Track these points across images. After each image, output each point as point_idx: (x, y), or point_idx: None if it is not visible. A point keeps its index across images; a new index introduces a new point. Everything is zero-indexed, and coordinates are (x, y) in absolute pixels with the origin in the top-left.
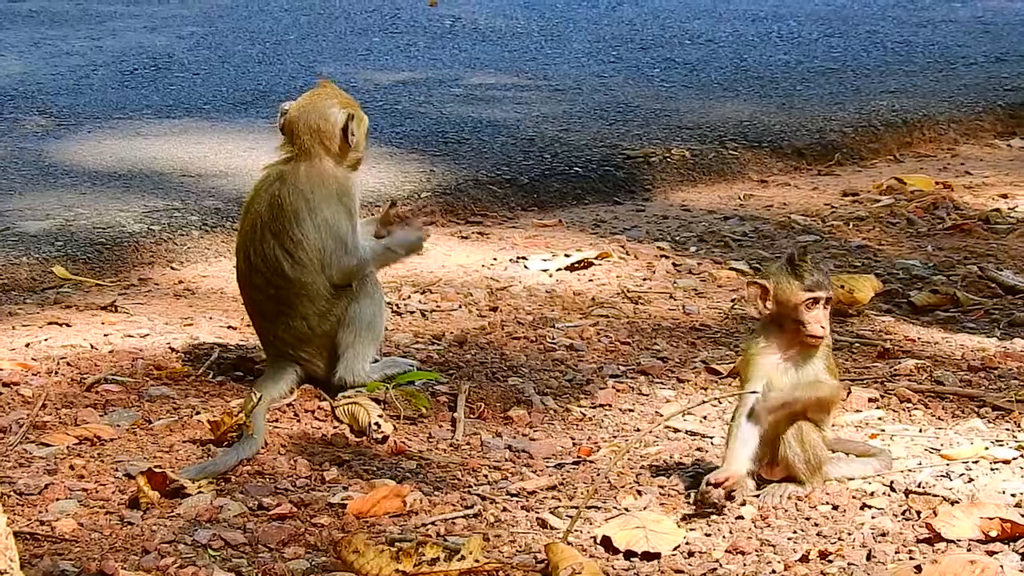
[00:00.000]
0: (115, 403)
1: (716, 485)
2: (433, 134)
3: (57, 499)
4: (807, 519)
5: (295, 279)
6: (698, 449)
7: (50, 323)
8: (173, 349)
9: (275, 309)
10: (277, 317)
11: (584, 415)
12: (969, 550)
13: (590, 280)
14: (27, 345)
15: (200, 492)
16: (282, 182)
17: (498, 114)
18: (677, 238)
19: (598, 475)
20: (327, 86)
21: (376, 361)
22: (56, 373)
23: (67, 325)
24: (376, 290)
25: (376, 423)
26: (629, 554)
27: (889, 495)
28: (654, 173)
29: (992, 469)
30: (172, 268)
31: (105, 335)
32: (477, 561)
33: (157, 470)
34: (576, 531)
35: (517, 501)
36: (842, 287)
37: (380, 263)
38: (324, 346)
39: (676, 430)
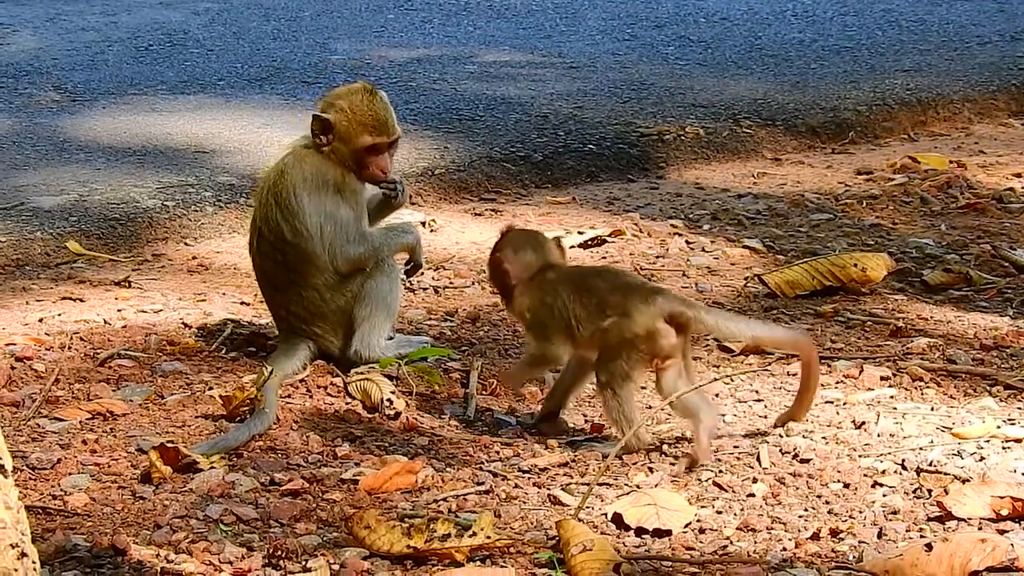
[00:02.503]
0: (128, 378)
1: None
2: (447, 111)
3: (69, 473)
4: (818, 496)
5: (295, 243)
6: None
7: (64, 298)
8: (186, 325)
9: (285, 278)
10: (288, 288)
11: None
12: (980, 528)
13: (603, 257)
14: (40, 320)
15: (212, 467)
16: (293, 156)
17: (512, 91)
18: (690, 216)
19: (610, 453)
20: (365, 89)
21: (391, 339)
22: (69, 348)
23: (80, 300)
24: (392, 267)
25: (388, 399)
26: (640, 531)
27: (900, 473)
28: (668, 151)
29: (1004, 448)
30: (186, 244)
31: (119, 310)
32: (488, 537)
33: (169, 445)
34: (587, 508)
35: (528, 478)
36: (855, 265)
37: (388, 249)
38: (338, 322)
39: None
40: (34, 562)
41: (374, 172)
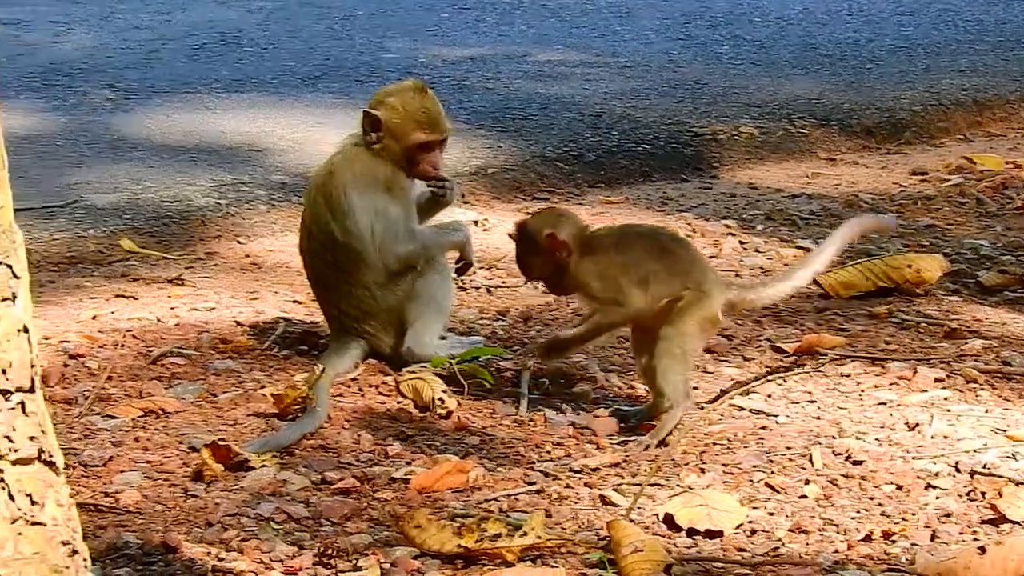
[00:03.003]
0: (180, 376)
1: None
2: (501, 110)
3: (121, 471)
4: (870, 498)
5: (345, 243)
6: (762, 427)
7: (117, 296)
8: (238, 323)
9: (335, 277)
10: (339, 287)
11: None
12: None
13: None
14: (94, 317)
15: (264, 466)
16: (343, 156)
17: (566, 91)
18: (744, 216)
19: (662, 453)
20: (416, 86)
21: (443, 338)
22: (122, 346)
23: (134, 298)
24: (444, 266)
25: (440, 398)
26: (692, 532)
27: (954, 476)
28: (722, 151)
29: None
30: (239, 242)
31: (171, 308)
32: (539, 537)
33: (221, 443)
34: (639, 508)
35: (580, 478)
36: (909, 266)
37: (437, 247)
38: (389, 321)
39: (740, 408)
40: (85, 559)
41: (425, 169)
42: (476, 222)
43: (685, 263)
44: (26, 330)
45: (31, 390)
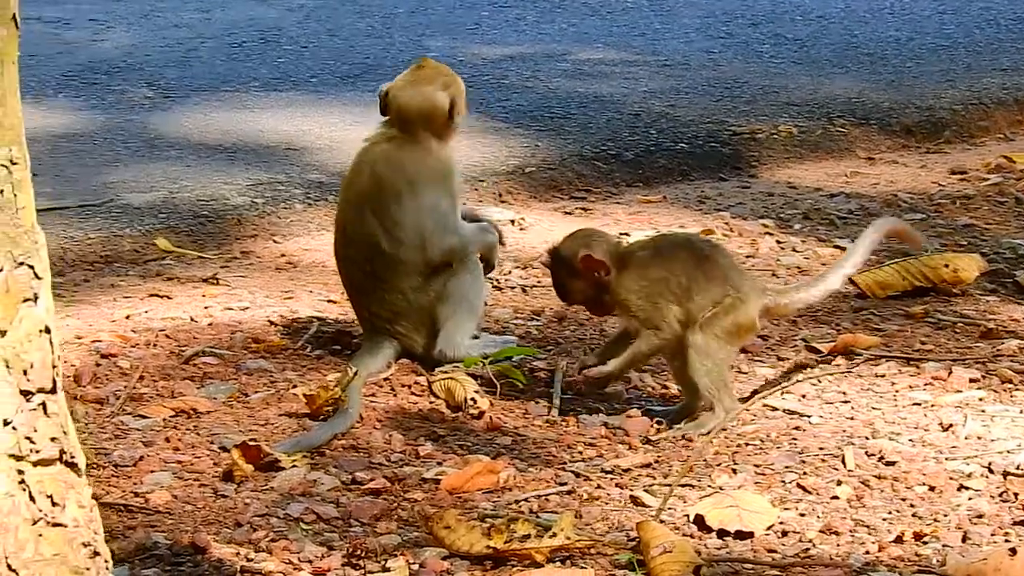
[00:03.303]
0: (212, 376)
1: None
2: (539, 109)
3: (152, 471)
4: (902, 499)
5: (391, 255)
6: (796, 428)
7: (151, 295)
8: (272, 322)
9: (371, 284)
10: (373, 292)
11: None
12: None
13: None
14: (127, 317)
15: (294, 466)
16: (386, 162)
17: (605, 89)
18: (782, 215)
19: (693, 453)
20: (428, 64)
21: (476, 338)
22: (155, 345)
23: (168, 297)
24: (476, 266)
25: (472, 398)
26: (722, 533)
27: (987, 476)
28: (760, 149)
29: None
30: (274, 241)
31: (205, 307)
32: (568, 538)
33: (252, 443)
34: (670, 509)
35: (611, 478)
36: (946, 266)
37: (476, 244)
38: (421, 321)
39: (774, 408)
40: (106, 561)
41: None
42: (513, 221)
43: (724, 268)
44: (48, 331)
45: (53, 391)
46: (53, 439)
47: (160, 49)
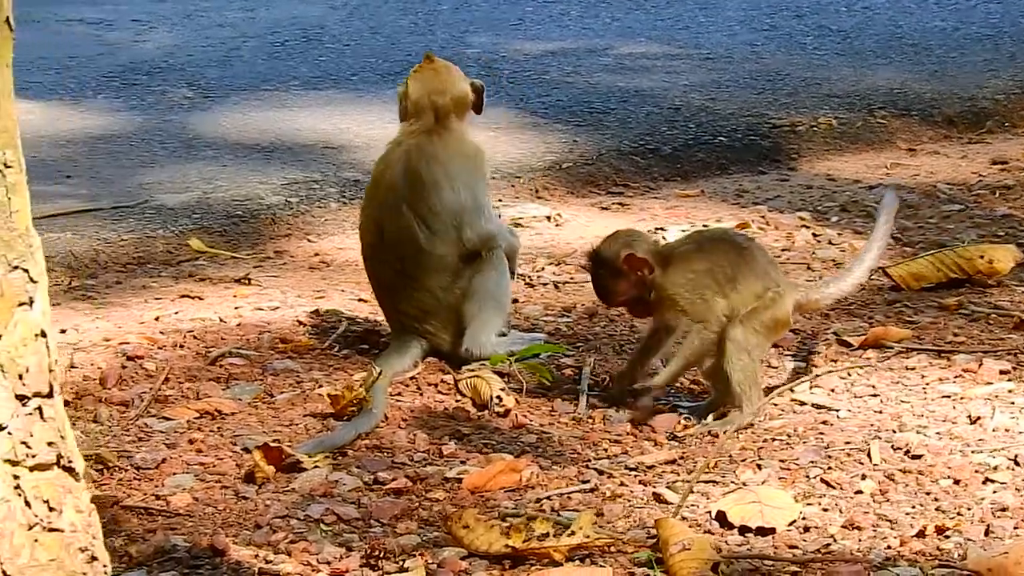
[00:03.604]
0: (238, 377)
1: None
2: (579, 104)
3: (174, 473)
4: (927, 493)
5: (428, 251)
6: (823, 422)
7: (182, 296)
8: (301, 322)
9: (401, 282)
10: (403, 290)
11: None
12: None
13: None
14: (157, 318)
15: (316, 467)
16: (419, 154)
17: (646, 83)
18: (819, 208)
19: (717, 449)
20: (434, 59)
21: (504, 335)
22: (182, 347)
23: (199, 298)
24: (501, 262)
25: (498, 396)
26: (744, 529)
27: (1013, 469)
28: (800, 142)
29: None
30: (309, 240)
31: (236, 308)
32: (587, 536)
33: (273, 444)
34: (692, 506)
35: (635, 475)
36: (981, 257)
37: (505, 238)
38: (449, 319)
39: (802, 403)
40: (104, 566)
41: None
42: (549, 217)
43: (763, 264)
44: (44, 335)
45: (49, 395)
46: (50, 443)
47: (202, 49)
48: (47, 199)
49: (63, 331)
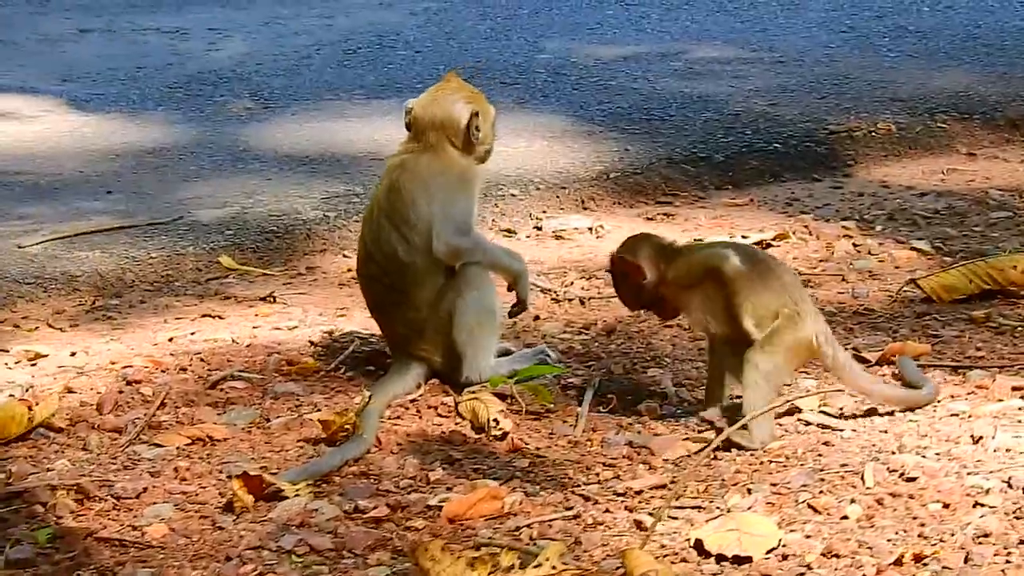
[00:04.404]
0: (236, 401)
1: None
2: (637, 111)
3: (154, 503)
4: (914, 518)
5: (409, 263)
6: (824, 443)
7: (203, 315)
8: (312, 343)
9: (391, 300)
10: (395, 309)
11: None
12: None
13: None
14: (171, 340)
15: (297, 495)
16: (403, 169)
17: (710, 89)
18: (866, 216)
19: (712, 473)
20: (453, 80)
21: (509, 353)
22: (185, 370)
23: (220, 318)
24: (481, 281)
25: (495, 419)
26: (720, 558)
27: (1005, 492)
28: (857, 148)
29: None
30: (344, 256)
31: (253, 328)
32: (554, 568)
33: (254, 473)
34: (673, 533)
35: (622, 501)
36: (1014, 267)
37: (489, 257)
38: (439, 341)
39: (807, 423)
40: None
41: (493, 141)
42: (591, 228)
43: (782, 279)
44: None
45: None
46: None
47: (273, 58)
48: (83, 216)
49: (73, 354)
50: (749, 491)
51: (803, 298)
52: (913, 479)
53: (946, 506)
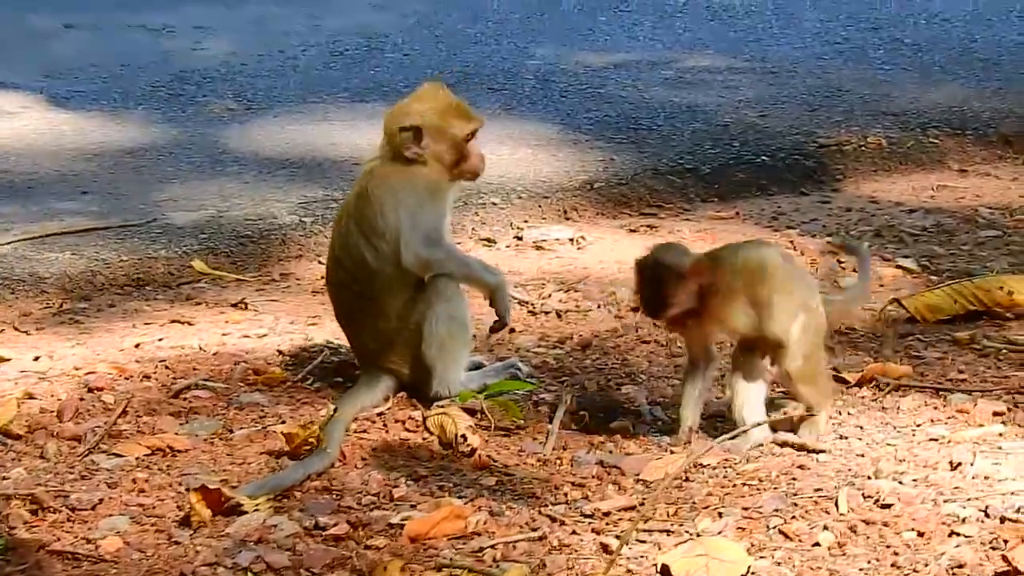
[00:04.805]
0: (199, 411)
1: None
2: (625, 120)
3: (110, 515)
4: (887, 547)
5: (378, 270)
6: (799, 466)
7: (173, 321)
8: (281, 352)
9: (360, 308)
10: (364, 319)
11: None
12: None
13: None
14: (137, 346)
15: (256, 510)
16: (372, 175)
17: (700, 99)
18: (853, 233)
19: (682, 495)
20: (431, 87)
21: (480, 367)
22: (149, 377)
23: (189, 324)
24: (454, 292)
25: (463, 435)
26: None
27: (981, 521)
28: (846, 162)
29: None
30: (319, 262)
31: (223, 335)
32: None
33: (213, 487)
34: (640, 557)
35: (589, 523)
36: (1001, 288)
37: (462, 269)
38: (408, 354)
39: (784, 444)
40: None
41: (475, 163)
42: (572, 239)
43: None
44: None
45: None
46: None
47: (258, 58)
48: (56, 216)
49: (36, 358)
50: (720, 515)
51: (813, 292)
52: (888, 506)
53: (920, 535)
